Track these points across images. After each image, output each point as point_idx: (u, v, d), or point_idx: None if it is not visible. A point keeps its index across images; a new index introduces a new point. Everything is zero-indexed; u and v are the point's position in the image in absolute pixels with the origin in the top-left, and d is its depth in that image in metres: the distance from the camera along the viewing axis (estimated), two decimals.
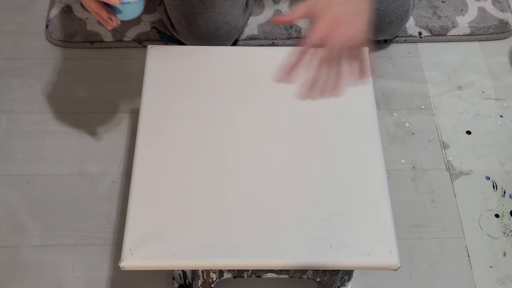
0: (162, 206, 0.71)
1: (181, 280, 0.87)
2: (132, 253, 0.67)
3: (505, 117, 1.11)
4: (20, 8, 1.23)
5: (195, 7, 1.01)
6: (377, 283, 0.93)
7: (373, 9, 1.05)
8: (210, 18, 1.02)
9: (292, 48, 0.86)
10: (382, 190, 0.73)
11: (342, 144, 0.77)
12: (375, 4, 1.06)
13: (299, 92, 0.73)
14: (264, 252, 0.68)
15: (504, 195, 1.02)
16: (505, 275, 0.94)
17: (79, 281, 0.91)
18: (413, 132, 1.09)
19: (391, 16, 1.07)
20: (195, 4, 1.01)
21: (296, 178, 0.74)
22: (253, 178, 0.74)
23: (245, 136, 0.77)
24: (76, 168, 1.02)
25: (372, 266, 0.69)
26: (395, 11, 1.06)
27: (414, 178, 1.03)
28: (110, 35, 1.17)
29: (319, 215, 0.71)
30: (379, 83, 1.14)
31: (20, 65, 1.14)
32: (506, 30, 1.22)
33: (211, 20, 1.03)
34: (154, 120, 0.78)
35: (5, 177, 1.01)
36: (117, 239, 0.95)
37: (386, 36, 1.13)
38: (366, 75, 0.74)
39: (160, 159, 0.74)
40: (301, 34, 1.19)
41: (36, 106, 1.09)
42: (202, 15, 1.02)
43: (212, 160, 0.75)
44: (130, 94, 1.11)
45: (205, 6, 1.01)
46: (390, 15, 1.07)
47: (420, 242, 0.97)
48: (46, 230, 0.96)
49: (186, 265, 0.68)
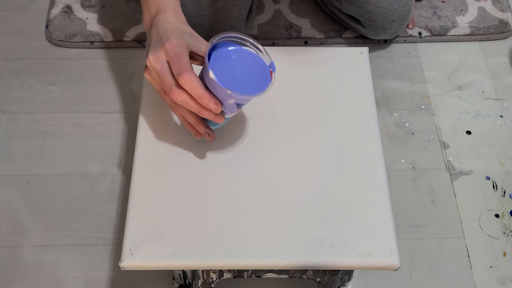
0: (162, 206, 0.71)
1: (181, 280, 0.87)
2: (132, 253, 0.67)
3: (505, 117, 1.11)
4: (20, 8, 1.23)
5: (203, 8, 1.00)
6: (377, 283, 0.93)
7: (376, 7, 1.05)
8: (217, 21, 1.02)
9: (292, 48, 0.86)
10: (382, 190, 0.73)
11: (342, 144, 0.77)
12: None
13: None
14: (264, 252, 0.68)
15: (504, 195, 1.02)
16: (505, 275, 0.94)
17: (79, 281, 0.91)
18: (413, 132, 1.09)
19: (393, 15, 1.07)
20: (203, 6, 1.00)
21: (296, 178, 0.74)
22: (253, 178, 0.74)
23: (245, 136, 0.77)
24: (76, 168, 1.02)
25: (372, 266, 0.69)
26: (398, 10, 1.06)
27: (414, 178, 1.03)
28: (110, 35, 1.17)
29: (319, 215, 0.71)
30: (379, 83, 1.14)
31: (20, 65, 1.14)
32: (506, 30, 1.22)
33: (218, 23, 1.02)
34: (154, 120, 0.78)
35: (5, 177, 1.01)
36: (117, 239, 0.95)
37: (387, 35, 1.13)
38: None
39: (160, 159, 0.74)
40: (301, 34, 1.19)
41: (36, 106, 1.09)
42: (209, 18, 1.01)
43: (212, 160, 0.75)
44: (130, 94, 1.11)
45: (214, 9, 1.00)
46: (393, 14, 1.07)
47: (420, 242, 0.97)
48: (46, 230, 0.96)
49: (186, 265, 0.68)
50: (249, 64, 0.70)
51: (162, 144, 0.76)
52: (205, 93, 0.65)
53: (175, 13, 0.72)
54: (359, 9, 1.09)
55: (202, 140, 0.76)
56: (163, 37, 0.68)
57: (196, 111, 0.67)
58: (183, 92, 0.66)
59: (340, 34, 1.19)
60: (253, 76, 0.69)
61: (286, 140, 0.77)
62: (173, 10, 0.73)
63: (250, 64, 0.70)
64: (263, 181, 0.73)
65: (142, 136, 0.76)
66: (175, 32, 0.68)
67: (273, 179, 0.74)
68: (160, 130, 0.77)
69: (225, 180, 0.73)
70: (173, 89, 0.66)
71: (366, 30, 1.14)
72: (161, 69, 0.67)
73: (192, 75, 0.65)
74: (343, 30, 1.20)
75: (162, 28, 0.70)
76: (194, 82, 0.65)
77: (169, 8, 0.72)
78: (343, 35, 1.19)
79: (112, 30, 1.18)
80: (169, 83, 0.66)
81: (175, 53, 0.66)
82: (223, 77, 0.66)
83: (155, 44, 0.68)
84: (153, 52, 0.68)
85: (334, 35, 1.19)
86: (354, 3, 1.08)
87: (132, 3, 1.22)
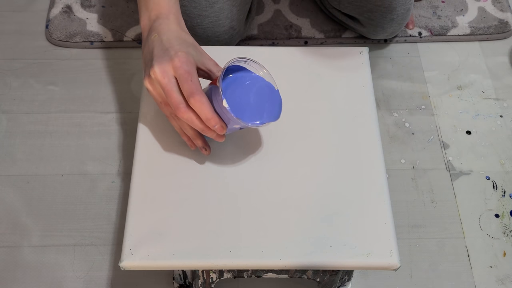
0: (162, 206, 0.71)
1: (181, 280, 0.87)
2: (132, 253, 0.67)
3: (505, 117, 1.11)
4: (20, 8, 1.23)
5: (203, 9, 1.00)
6: (377, 283, 0.93)
7: (376, 6, 1.05)
8: (217, 22, 1.02)
9: (292, 48, 0.86)
10: (382, 190, 0.73)
11: (342, 144, 0.77)
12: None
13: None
14: (264, 252, 0.68)
15: (504, 195, 1.02)
16: (505, 275, 0.94)
17: (79, 281, 0.91)
18: (413, 132, 1.09)
19: (392, 14, 1.07)
20: (203, 7, 1.00)
21: (296, 178, 0.74)
22: (253, 178, 0.74)
23: (245, 136, 0.77)
24: (76, 168, 1.02)
25: (372, 266, 0.69)
26: (397, 9, 1.06)
27: (414, 178, 1.03)
28: (110, 35, 1.17)
29: (319, 215, 0.71)
30: (379, 83, 1.14)
31: (20, 65, 1.14)
32: (506, 30, 1.22)
33: (218, 24, 1.02)
34: (154, 120, 0.78)
35: (5, 177, 1.01)
36: (117, 239, 0.95)
37: (386, 34, 1.13)
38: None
39: (160, 159, 0.74)
40: (301, 34, 1.19)
41: (36, 106, 1.09)
42: (209, 18, 1.01)
43: (212, 160, 0.75)
44: (130, 94, 1.11)
45: (213, 9, 1.00)
46: (392, 13, 1.07)
47: (420, 242, 0.97)
48: (46, 230, 0.96)
49: (186, 265, 0.68)
50: (258, 91, 0.70)
51: (162, 144, 0.76)
52: (214, 116, 0.66)
53: (177, 20, 0.72)
54: (358, 8, 1.09)
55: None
56: (170, 50, 0.67)
57: (200, 130, 0.68)
58: (191, 111, 0.66)
59: (340, 34, 1.19)
60: (262, 104, 0.69)
61: (285, 140, 0.77)
62: (175, 16, 0.72)
63: (259, 91, 0.70)
64: (262, 181, 0.73)
65: (142, 136, 0.76)
66: (182, 45, 0.68)
67: (273, 179, 0.74)
68: (160, 130, 0.77)
69: (225, 180, 0.73)
70: (180, 107, 0.66)
71: (365, 29, 1.13)
72: (168, 84, 0.67)
73: (203, 97, 0.65)
74: (343, 30, 1.20)
75: (166, 37, 0.69)
76: (205, 104, 0.65)
77: (172, 14, 0.72)
78: (343, 35, 1.19)
79: (112, 30, 1.18)
80: (177, 100, 0.66)
81: (186, 71, 0.66)
82: (233, 104, 0.67)
83: (161, 56, 0.68)
84: (159, 65, 0.67)
85: (334, 35, 1.19)
86: (353, 2, 1.08)
87: (132, 3, 1.22)
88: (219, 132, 0.67)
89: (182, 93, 0.67)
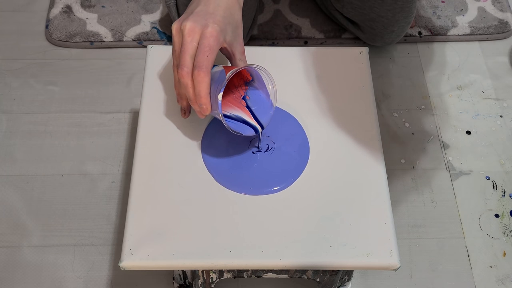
0: (162, 206, 0.71)
1: (181, 280, 0.87)
2: (132, 253, 0.67)
3: (505, 117, 1.11)
4: (20, 8, 1.23)
5: None
6: (377, 283, 0.93)
7: (379, 16, 1.05)
8: None
9: (292, 48, 0.86)
10: (382, 190, 0.73)
11: (341, 144, 0.77)
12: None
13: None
14: (264, 252, 0.68)
15: (504, 195, 1.02)
16: (505, 275, 0.94)
17: (79, 281, 0.91)
18: (413, 132, 1.09)
19: (394, 26, 1.07)
20: None
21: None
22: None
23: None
24: (76, 168, 1.02)
25: (372, 266, 0.69)
26: (399, 21, 1.06)
27: (414, 178, 1.03)
28: (110, 35, 1.17)
29: (319, 215, 0.71)
30: (379, 83, 1.14)
31: (20, 65, 1.14)
32: (506, 30, 1.22)
33: None
34: (154, 120, 0.78)
35: (5, 177, 1.01)
36: (117, 239, 0.95)
37: (383, 43, 1.13)
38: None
39: (160, 159, 0.74)
40: (301, 34, 1.19)
41: (36, 106, 1.09)
42: None
43: None
44: (130, 94, 1.11)
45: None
46: (393, 24, 1.07)
47: (420, 242, 0.97)
48: (46, 230, 0.96)
49: (186, 265, 0.68)
50: (255, 100, 0.72)
51: (162, 144, 0.76)
52: (205, 97, 0.67)
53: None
54: (361, 15, 1.08)
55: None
56: (210, 17, 0.68)
57: (188, 97, 0.69)
58: (190, 78, 0.67)
59: (340, 34, 1.19)
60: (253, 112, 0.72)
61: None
62: None
63: (255, 100, 0.72)
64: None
65: (142, 136, 0.76)
66: (223, 19, 0.69)
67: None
68: (160, 130, 0.77)
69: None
70: (184, 69, 0.67)
71: (364, 35, 1.13)
72: (188, 44, 0.67)
73: (207, 76, 0.66)
74: (343, 30, 1.20)
75: (217, 3, 0.70)
76: (204, 83, 0.66)
77: None
78: (343, 35, 1.19)
79: (112, 30, 1.18)
80: (186, 62, 0.67)
81: (209, 45, 0.67)
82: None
83: (201, 17, 0.68)
84: (193, 23, 0.68)
85: (334, 35, 1.19)
86: (357, 8, 1.08)
87: (132, 3, 1.22)
88: (202, 112, 0.69)
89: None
